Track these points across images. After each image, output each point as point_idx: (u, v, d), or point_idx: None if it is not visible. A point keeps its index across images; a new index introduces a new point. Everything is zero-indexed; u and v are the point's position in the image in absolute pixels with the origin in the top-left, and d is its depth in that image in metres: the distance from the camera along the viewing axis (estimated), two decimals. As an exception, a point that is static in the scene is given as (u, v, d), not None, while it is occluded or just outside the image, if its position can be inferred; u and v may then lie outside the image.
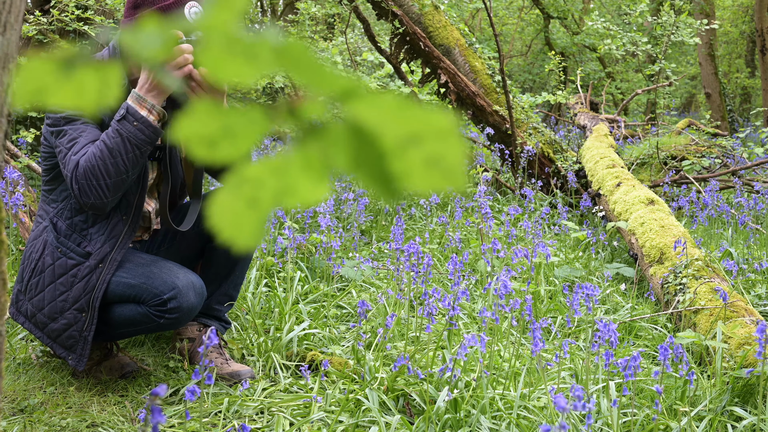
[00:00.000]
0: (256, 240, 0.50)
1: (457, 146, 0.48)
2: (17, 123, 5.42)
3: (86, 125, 2.31)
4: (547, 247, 3.46)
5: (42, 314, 2.39)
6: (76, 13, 4.90)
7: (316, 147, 0.48)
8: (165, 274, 2.36)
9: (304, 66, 0.47)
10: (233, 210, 0.49)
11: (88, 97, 0.48)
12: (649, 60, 13.49)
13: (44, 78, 0.48)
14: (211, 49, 0.47)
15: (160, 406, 1.15)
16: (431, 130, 0.47)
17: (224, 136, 0.49)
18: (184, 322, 2.41)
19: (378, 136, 0.48)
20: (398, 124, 0.47)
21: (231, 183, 0.49)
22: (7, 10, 0.83)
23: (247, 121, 0.49)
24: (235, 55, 0.46)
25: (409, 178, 0.48)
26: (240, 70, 0.47)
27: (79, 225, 2.39)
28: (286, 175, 0.49)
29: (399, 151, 0.48)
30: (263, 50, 0.46)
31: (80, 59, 0.48)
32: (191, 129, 0.48)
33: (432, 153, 0.48)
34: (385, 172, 0.48)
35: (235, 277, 2.65)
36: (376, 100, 0.47)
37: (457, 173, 0.48)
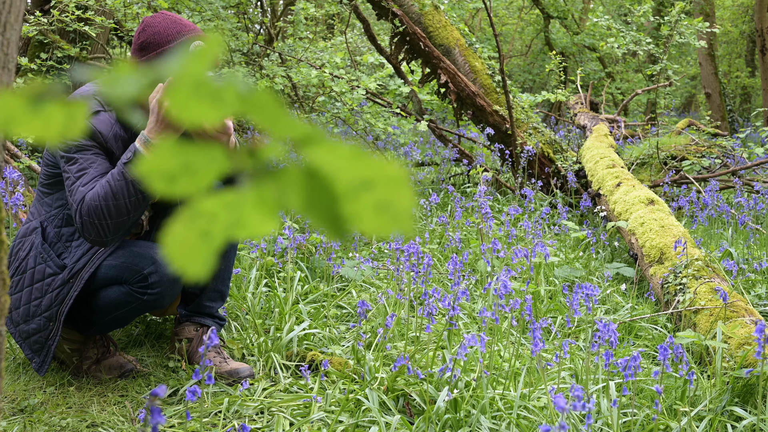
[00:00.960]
0: (206, 270, 0.52)
1: (406, 193, 0.50)
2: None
3: (97, 156, 2.32)
4: (546, 247, 3.46)
5: (16, 313, 2.43)
6: (77, 13, 4.90)
7: (272, 187, 0.51)
8: (144, 251, 2.39)
9: (266, 112, 0.49)
10: (186, 242, 0.51)
11: (54, 129, 0.51)
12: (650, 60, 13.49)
13: (14, 110, 0.50)
14: (179, 91, 0.49)
15: (159, 407, 1.15)
16: (383, 177, 0.50)
17: (184, 173, 0.51)
18: (169, 298, 2.42)
19: (332, 180, 0.50)
20: (352, 170, 0.50)
21: (185, 216, 0.52)
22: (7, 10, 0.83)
23: (207, 159, 0.51)
24: (201, 98, 0.49)
25: (360, 220, 0.51)
26: (205, 112, 0.49)
27: (65, 236, 2.42)
28: (238, 211, 0.51)
29: (351, 195, 0.50)
30: (229, 95, 0.49)
31: (50, 95, 0.50)
32: (152, 165, 0.51)
33: (383, 198, 0.50)
34: (336, 214, 0.51)
35: (221, 272, 2.65)
36: (333, 147, 0.50)
37: (405, 218, 0.51)
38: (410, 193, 0.50)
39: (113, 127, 2.37)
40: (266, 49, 6.73)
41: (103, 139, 2.34)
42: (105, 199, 2.22)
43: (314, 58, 6.28)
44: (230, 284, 2.78)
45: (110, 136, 2.36)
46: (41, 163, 2.53)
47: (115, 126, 2.38)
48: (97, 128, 2.34)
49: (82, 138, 2.32)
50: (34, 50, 5.40)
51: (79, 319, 2.49)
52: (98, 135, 2.33)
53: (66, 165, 2.32)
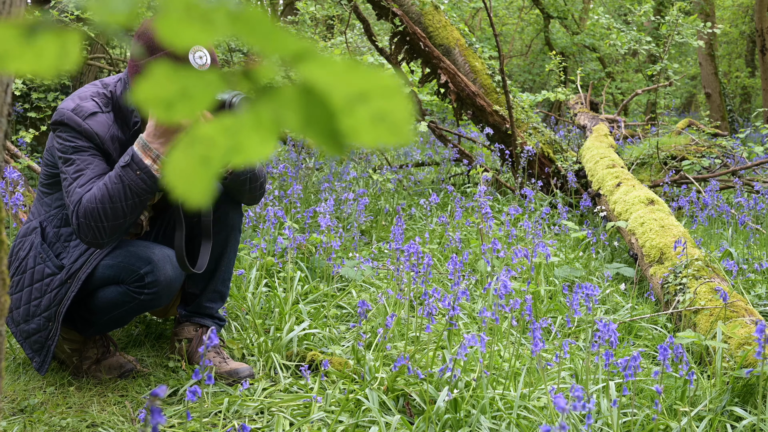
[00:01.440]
0: (207, 196, 0.52)
1: (402, 103, 0.50)
2: (17, 123, 5.42)
3: (94, 157, 2.32)
4: (547, 247, 3.46)
5: (17, 312, 2.43)
6: (76, 13, 4.90)
7: (269, 108, 0.50)
8: (141, 251, 2.39)
9: (259, 30, 0.49)
10: (186, 168, 0.51)
11: (46, 62, 0.50)
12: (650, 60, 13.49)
13: (5, 44, 0.49)
14: (169, 15, 0.48)
15: (160, 407, 1.15)
16: (378, 88, 0.50)
17: (181, 98, 0.51)
18: (166, 298, 2.42)
19: (327, 95, 0.50)
20: (346, 83, 0.50)
21: (184, 142, 0.51)
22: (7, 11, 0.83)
23: (203, 84, 0.51)
24: (193, 20, 0.48)
25: (358, 134, 0.51)
26: (196, 35, 0.49)
27: (64, 236, 2.42)
28: (237, 135, 0.51)
29: (347, 109, 0.50)
30: (220, 16, 0.48)
31: (42, 25, 0.49)
32: (149, 91, 0.50)
33: (378, 109, 0.50)
34: (334, 129, 0.50)
35: (221, 272, 2.65)
36: (326, 61, 0.49)
37: (403, 128, 0.50)
38: (406, 102, 0.50)
39: (111, 128, 2.37)
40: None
41: (100, 140, 2.33)
42: (102, 202, 2.22)
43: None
44: (230, 285, 2.78)
45: (107, 137, 2.35)
46: (41, 163, 2.53)
47: (112, 127, 2.38)
48: (95, 129, 2.33)
49: (79, 139, 2.32)
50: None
51: (78, 319, 2.49)
52: (95, 136, 2.33)
53: (63, 166, 2.31)
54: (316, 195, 5.51)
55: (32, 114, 5.33)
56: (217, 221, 2.59)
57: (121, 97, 2.41)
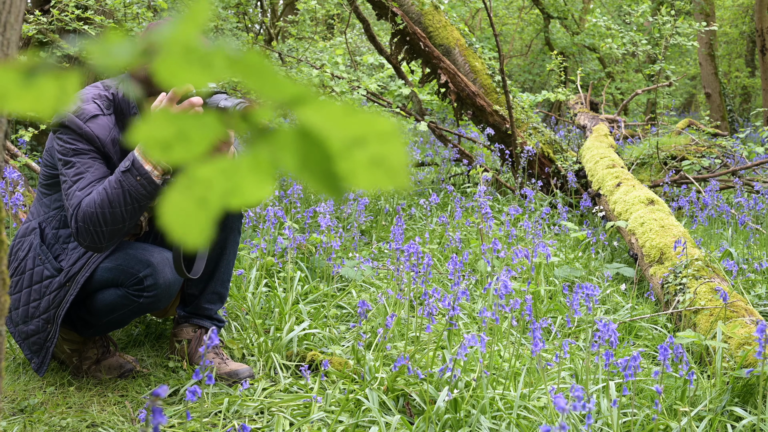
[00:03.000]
0: (204, 238, 0.52)
1: (398, 148, 0.51)
2: (17, 123, 5.42)
3: (94, 160, 2.31)
4: (547, 247, 3.46)
5: (16, 313, 2.43)
6: (76, 12, 4.90)
7: (266, 150, 0.51)
8: (140, 254, 2.39)
9: (257, 74, 0.49)
10: (184, 209, 0.52)
11: (46, 103, 0.51)
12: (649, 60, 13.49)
13: (6, 85, 0.50)
14: (168, 57, 0.49)
15: (161, 407, 1.15)
16: (375, 132, 0.50)
17: (178, 140, 0.51)
18: (165, 300, 2.42)
19: (325, 138, 0.50)
20: (344, 127, 0.50)
21: (181, 183, 0.52)
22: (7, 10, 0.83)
23: (200, 126, 0.51)
24: (191, 63, 0.49)
25: (354, 177, 0.51)
26: (194, 78, 0.49)
27: (63, 238, 2.42)
28: (234, 176, 0.52)
29: (345, 153, 0.51)
30: (218, 59, 0.49)
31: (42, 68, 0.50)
32: (147, 133, 0.51)
33: (376, 154, 0.51)
34: (330, 172, 0.51)
35: (221, 274, 2.65)
36: (324, 105, 0.50)
37: (400, 172, 0.51)
38: (403, 148, 0.51)
39: (111, 131, 2.36)
40: (266, 49, 6.73)
41: (100, 143, 2.33)
42: (101, 207, 2.21)
43: (314, 59, 6.28)
44: (230, 286, 2.77)
45: (108, 140, 2.34)
46: (40, 164, 2.53)
47: (113, 130, 2.37)
48: (95, 132, 2.32)
49: (80, 141, 2.31)
50: (34, 50, 5.40)
51: (77, 321, 2.49)
52: (96, 139, 2.32)
53: (63, 168, 2.31)
54: (316, 195, 5.51)
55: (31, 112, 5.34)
56: (215, 223, 2.59)
57: (123, 99, 2.40)
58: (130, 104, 2.39)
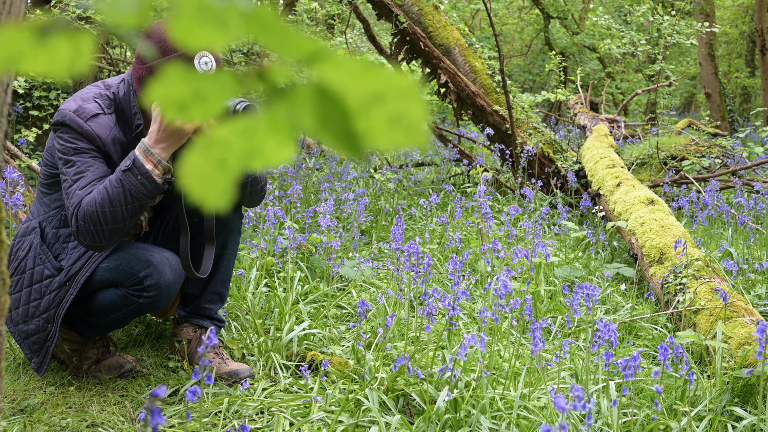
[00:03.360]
0: (225, 200, 0.51)
1: (418, 104, 0.49)
2: (17, 123, 5.42)
3: (95, 159, 2.31)
4: (547, 247, 3.46)
5: (16, 313, 2.43)
6: (77, 12, 4.90)
7: (283, 109, 0.50)
8: (140, 254, 2.39)
9: (272, 31, 0.48)
10: (203, 171, 0.51)
11: (60, 63, 0.49)
12: (649, 60, 13.49)
13: (19, 45, 0.49)
14: (182, 17, 0.48)
15: (159, 407, 1.15)
16: (393, 89, 0.49)
17: (195, 100, 0.50)
18: (165, 301, 2.42)
19: (343, 96, 0.49)
20: (362, 84, 0.49)
21: (200, 145, 0.51)
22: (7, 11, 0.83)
23: (217, 85, 0.50)
24: (206, 21, 0.48)
25: (373, 136, 0.50)
26: (211, 37, 0.48)
27: (63, 237, 2.41)
28: (253, 137, 0.50)
29: (363, 111, 0.50)
30: (232, 16, 0.48)
31: (55, 27, 0.49)
32: (163, 93, 0.50)
33: (394, 111, 0.49)
34: (349, 131, 0.50)
35: (221, 274, 2.65)
36: (341, 62, 0.49)
37: (419, 130, 0.50)
38: (421, 105, 0.49)
39: (112, 130, 2.36)
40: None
41: (101, 142, 2.32)
42: (102, 206, 2.21)
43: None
44: (230, 286, 2.77)
45: (109, 139, 2.34)
46: (41, 163, 2.53)
47: (114, 129, 2.37)
48: (96, 131, 2.32)
49: (80, 140, 2.31)
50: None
51: (77, 320, 2.49)
52: (96, 138, 2.32)
53: (64, 167, 2.31)
54: (316, 195, 5.51)
55: (34, 112, 5.33)
56: (216, 223, 2.59)
57: (124, 98, 2.40)
58: (131, 103, 2.39)
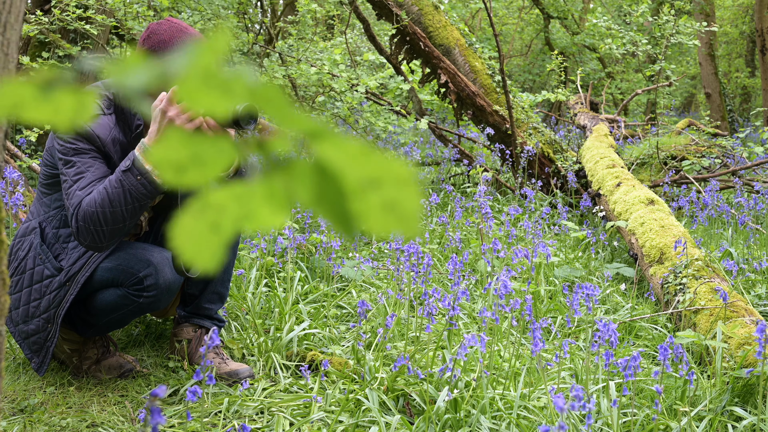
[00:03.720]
0: (216, 261, 0.52)
1: (413, 194, 0.51)
2: (18, 123, 5.42)
3: (94, 160, 2.31)
4: (547, 247, 3.46)
5: (16, 313, 2.43)
6: (77, 12, 4.90)
7: (281, 180, 0.51)
8: (140, 254, 2.39)
9: (275, 105, 0.49)
10: (196, 233, 0.52)
11: (63, 116, 0.51)
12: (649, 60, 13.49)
13: (24, 96, 0.50)
14: (189, 82, 0.49)
15: (159, 407, 1.15)
16: (391, 176, 0.50)
17: (193, 163, 0.51)
18: (165, 300, 2.42)
19: (341, 177, 0.50)
20: (360, 167, 0.50)
21: (195, 208, 0.52)
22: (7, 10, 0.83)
23: (216, 150, 0.52)
24: (211, 89, 0.49)
25: (367, 218, 0.51)
26: (215, 103, 0.49)
27: (63, 237, 2.42)
28: (248, 203, 0.51)
29: (359, 193, 0.51)
30: (238, 87, 0.49)
31: (60, 82, 0.51)
32: (162, 155, 0.51)
33: (390, 198, 0.51)
34: (344, 210, 0.51)
35: (221, 274, 2.64)
36: (341, 142, 0.50)
37: (412, 219, 0.51)
38: (417, 194, 0.51)
39: (112, 131, 2.36)
40: (266, 49, 6.73)
41: (101, 142, 2.32)
42: (102, 206, 2.21)
43: (314, 59, 6.28)
44: (230, 286, 2.77)
45: (108, 140, 2.34)
46: (40, 163, 2.53)
47: (114, 130, 2.37)
48: (96, 132, 2.32)
49: (80, 141, 2.31)
50: (35, 50, 5.40)
51: (77, 321, 2.49)
52: (96, 139, 2.32)
53: (63, 168, 2.31)
54: None
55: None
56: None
57: (123, 98, 2.40)
58: None
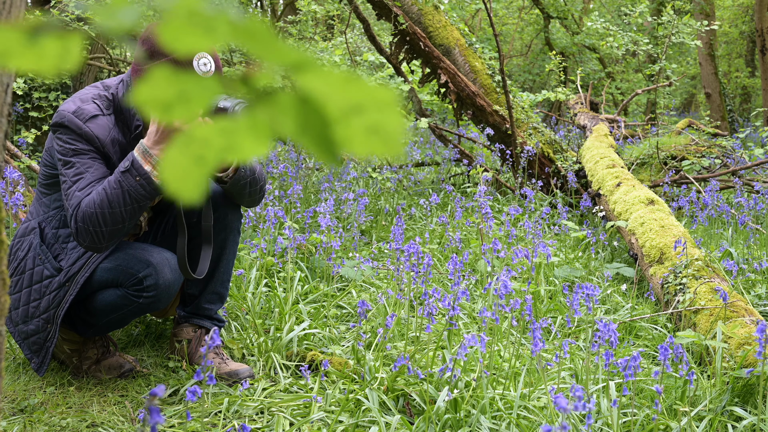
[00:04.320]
0: (199, 193, 0.54)
1: (395, 117, 0.52)
2: (17, 123, 5.42)
3: (94, 160, 2.32)
4: (547, 247, 3.46)
5: (15, 313, 2.43)
6: (77, 13, 4.90)
7: (265, 113, 0.52)
8: (139, 254, 2.39)
9: (259, 39, 0.50)
10: (181, 166, 0.53)
11: (48, 61, 0.51)
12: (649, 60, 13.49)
13: (10, 43, 0.51)
14: (172, 21, 0.50)
15: (158, 407, 1.15)
16: (373, 101, 0.52)
17: (179, 101, 0.52)
18: (165, 301, 2.42)
19: (324, 105, 0.52)
20: (343, 95, 0.52)
21: (180, 141, 0.53)
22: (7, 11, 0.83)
23: (201, 88, 0.53)
24: (195, 27, 0.50)
25: (351, 143, 0.52)
26: (197, 42, 0.50)
27: (62, 237, 2.42)
28: (232, 136, 0.53)
29: (342, 119, 0.52)
30: (221, 24, 0.50)
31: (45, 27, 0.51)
32: (148, 93, 0.52)
33: (373, 122, 0.52)
34: (328, 138, 0.52)
35: (220, 274, 2.64)
36: (324, 72, 0.51)
37: (395, 140, 0.52)
38: (399, 117, 0.52)
39: (111, 131, 2.37)
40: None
41: (100, 143, 2.33)
42: (101, 207, 2.22)
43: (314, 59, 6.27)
44: (230, 286, 2.77)
45: (108, 140, 2.35)
46: (40, 164, 2.53)
47: (113, 130, 2.37)
48: (95, 132, 2.32)
49: (79, 142, 2.31)
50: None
51: (77, 321, 2.49)
52: (95, 139, 2.32)
53: (63, 168, 2.31)
54: (316, 195, 5.51)
55: (34, 113, 5.33)
56: (215, 223, 2.59)
57: (123, 99, 2.40)
58: None
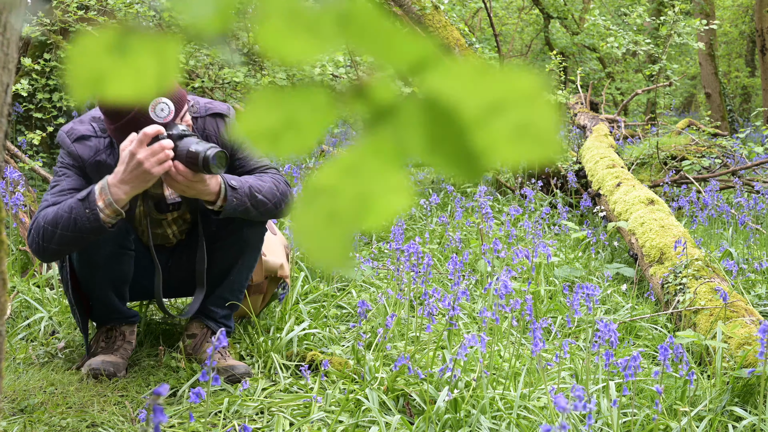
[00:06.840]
0: (342, 260, 0.44)
1: (545, 110, 0.42)
2: (18, 123, 5.42)
3: (70, 178, 2.40)
4: (547, 247, 3.46)
5: None
6: (78, 13, 4.90)
7: (387, 131, 0.43)
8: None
9: (374, 35, 0.41)
10: (312, 228, 0.43)
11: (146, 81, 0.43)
12: (649, 60, 13.48)
13: (102, 64, 0.42)
14: (270, 23, 0.41)
15: (162, 405, 1.15)
16: (516, 95, 0.42)
17: (288, 128, 0.43)
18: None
19: (456, 109, 0.42)
20: (479, 92, 0.42)
21: (304, 197, 0.43)
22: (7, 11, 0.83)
23: (310, 109, 0.43)
24: (298, 28, 0.41)
25: (495, 151, 0.43)
26: (302, 45, 0.41)
27: None
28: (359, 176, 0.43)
29: (481, 124, 0.42)
30: (326, 22, 0.41)
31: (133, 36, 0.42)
32: (251, 125, 0.43)
33: (519, 120, 0.42)
34: (467, 149, 0.43)
35: (230, 282, 2.62)
36: (452, 68, 0.42)
37: (549, 139, 0.43)
38: (550, 110, 0.42)
39: (99, 154, 2.41)
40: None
41: (81, 163, 2.41)
42: (50, 224, 2.28)
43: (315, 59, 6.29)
44: (242, 297, 2.70)
45: (92, 162, 2.41)
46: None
47: (102, 153, 2.41)
48: (79, 152, 2.40)
49: (67, 158, 2.42)
50: (35, 50, 5.40)
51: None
52: (79, 158, 2.40)
53: (53, 176, 2.46)
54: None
55: (38, 115, 5.33)
56: (230, 236, 2.56)
57: None
58: None
